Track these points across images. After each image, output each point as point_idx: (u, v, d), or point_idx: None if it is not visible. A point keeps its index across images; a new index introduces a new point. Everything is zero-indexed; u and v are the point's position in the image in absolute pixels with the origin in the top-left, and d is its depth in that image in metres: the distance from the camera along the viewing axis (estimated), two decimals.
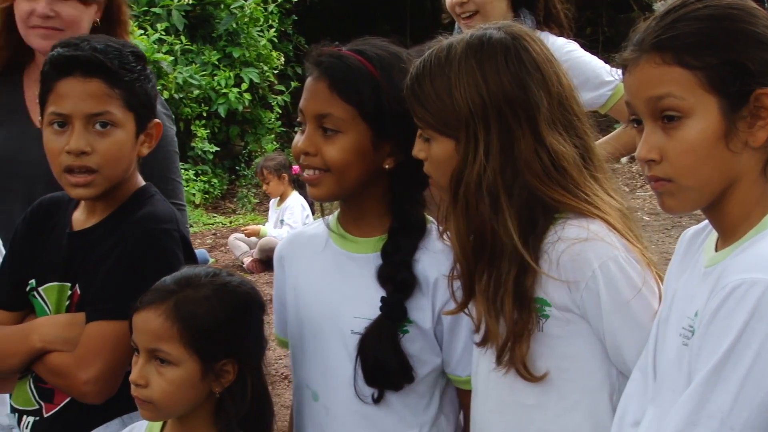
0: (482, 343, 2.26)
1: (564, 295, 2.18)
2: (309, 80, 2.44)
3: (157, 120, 2.66)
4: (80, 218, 2.66)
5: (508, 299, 2.18)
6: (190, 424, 2.36)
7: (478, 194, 2.19)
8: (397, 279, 2.40)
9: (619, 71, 3.23)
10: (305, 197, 9.86)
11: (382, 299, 2.39)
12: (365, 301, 2.41)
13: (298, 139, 2.43)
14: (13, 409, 2.69)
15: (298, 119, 2.45)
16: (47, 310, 2.64)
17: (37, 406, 2.64)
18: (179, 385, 2.29)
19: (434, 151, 2.25)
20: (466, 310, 2.29)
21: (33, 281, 2.66)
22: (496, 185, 2.18)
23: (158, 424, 2.43)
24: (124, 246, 2.55)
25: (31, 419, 2.64)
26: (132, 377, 2.31)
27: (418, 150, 2.29)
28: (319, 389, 2.51)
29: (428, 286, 2.40)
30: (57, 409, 2.61)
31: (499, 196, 2.18)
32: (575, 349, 2.22)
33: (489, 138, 2.18)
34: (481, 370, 2.32)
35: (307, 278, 2.54)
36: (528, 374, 2.21)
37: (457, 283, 2.31)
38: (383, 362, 2.38)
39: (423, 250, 2.43)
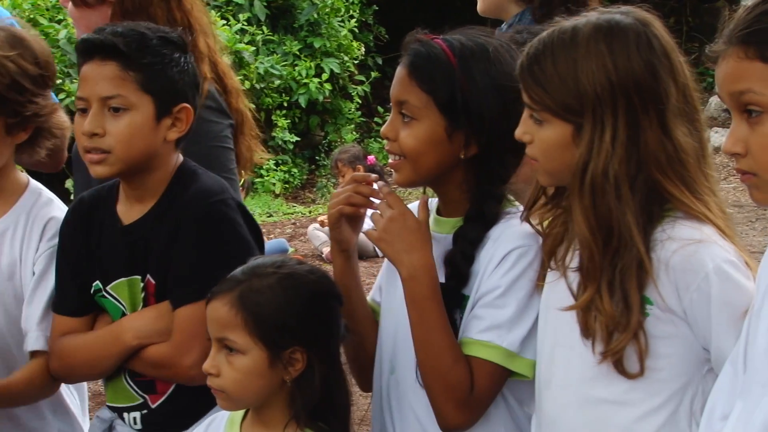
0: (589, 334, 2.21)
1: (670, 296, 2.13)
2: (399, 65, 2.46)
3: (185, 104, 2.63)
4: (127, 211, 2.67)
5: (633, 292, 2.13)
6: (266, 414, 2.38)
7: (604, 183, 2.13)
8: (453, 267, 2.40)
9: None
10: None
11: (440, 285, 2.40)
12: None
13: (385, 124, 2.46)
14: (113, 409, 2.70)
15: (390, 103, 2.48)
16: (121, 307, 2.65)
17: (141, 400, 2.65)
18: (248, 373, 2.31)
19: (546, 135, 2.20)
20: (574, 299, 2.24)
21: (97, 282, 2.66)
22: (620, 175, 2.13)
23: (239, 415, 2.45)
24: (188, 227, 2.57)
25: (137, 414, 2.65)
26: (204, 367, 2.34)
27: (523, 132, 2.24)
28: (395, 363, 2.52)
29: (479, 269, 2.39)
30: (164, 397, 2.64)
31: (622, 187, 2.14)
32: (671, 350, 2.16)
33: (616, 125, 2.13)
34: (560, 360, 2.29)
35: None
36: (640, 369, 2.16)
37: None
38: None
39: (494, 235, 2.41)
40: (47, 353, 2.72)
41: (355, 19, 13.68)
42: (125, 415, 2.67)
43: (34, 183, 2.94)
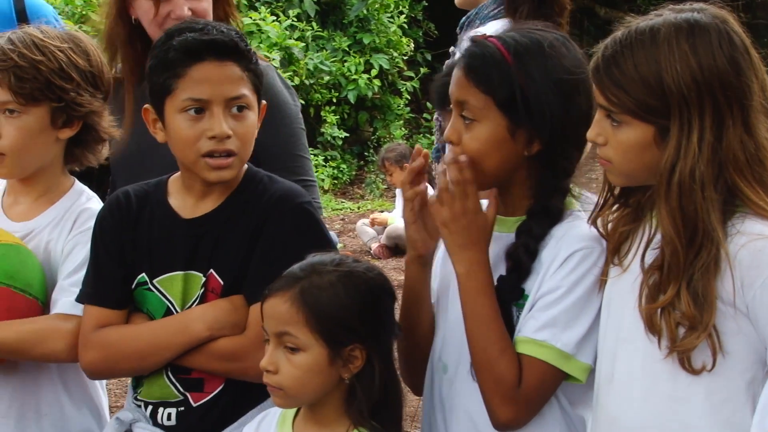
0: (654, 331, 2.19)
1: (737, 290, 2.11)
2: (455, 67, 2.45)
3: (264, 102, 2.67)
4: (187, 205, 2.65)
5: (711, 289, 2.11)
6: (321, 412, 2.38)
7: (692, 184, 2.11)
8: (515, 260, 2.39)
9: None
10: (431, 184, 9.86)
11: (499, 277, 2.39)
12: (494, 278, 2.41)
13: (447, 127, 2.44)
14: (146, 404, 2.66)
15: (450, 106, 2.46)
16: (166, 303, 2.62)
17: (180, 398, 2.61)
18: (307, 370, 2.31)
19: (625, 137, 2.19)
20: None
21: (143, 275, 2.63)
22: (706, 176, 2.11)
23: (291, 412, 2.45)
24: (276, 226, 2.56)
25: (172, 411, 2.61)
26: (262, 364, 2.33)
27: (597, 134, 2.23)
28: (448, 362, 2.51)
29: (541, 268, 2.38)
30: (209, 397, 2.60)
31: (707, 188, 2.11)
32: (732, 348, 2.14)
33: (703, 125, 2.11)
34: (623, 355, 2.27)
35: None
36: (713, 365, 2.14)
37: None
38: None
39: (557, 234, 2.40)
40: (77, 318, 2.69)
41: (404, 15, 13.67)
42: (159, 410, 2.63)
43: (79, 185, 2.97)
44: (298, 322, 2.29)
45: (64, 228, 2.85)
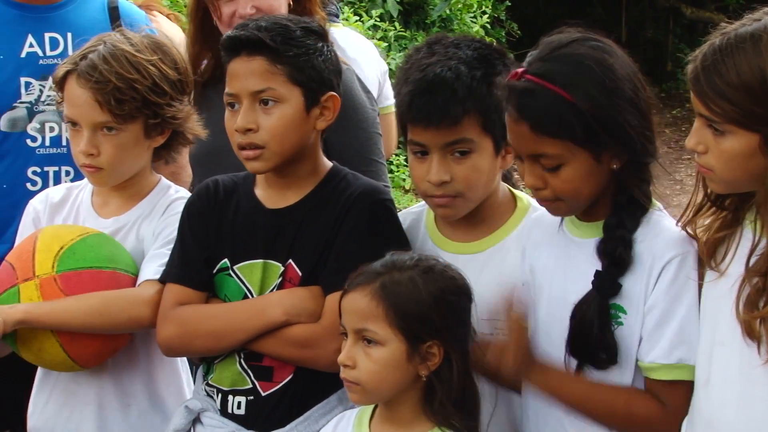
0: (753, 336, 2.19)
1: None
2: (509, 119, 2.40)
3: (332, 93, 2.68)
4: (271, 196, 2.71)
5: None
6: (398, 411, 2.39)
7: None
8: (615, 254, 2.37)
9: None
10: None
11: (596, 273, 2.38)
12: (585, 285, 2.41)
13: (522, 171, 2.44)
14: (217, 390, 2.70)
15: (513, 155, 2.48)
16: (244, 289, 2.67)
17: (250, 386, 2.66)
18: (385, 365, 2.32)
19: (729, 145, 2.16)
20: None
21: (225, 260, 2.70)
22: None
23: (368, 412, 2.46)
24: (358, 219, 2.61)
25: (242, 399, 2.66)
26: (340, 359, 2.35)
27: (696, 143, 2.22)
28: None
29: (644, 268, 2.37)
30: (278, 386, 2.65)
31: None
32: None
33: None
34: (719, 358, 2.26)
35: (539, 259, 2.56)
36: None
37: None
38: (586, 334, 2.37)
39: (644, 232, 2.39)
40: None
41: (487, 15, 13.61)
42: (229, 397, 2.67)
43: (165, 181, 3.06)
44: (378, 316, 2.31)
45: (155, 217, 2.95)
